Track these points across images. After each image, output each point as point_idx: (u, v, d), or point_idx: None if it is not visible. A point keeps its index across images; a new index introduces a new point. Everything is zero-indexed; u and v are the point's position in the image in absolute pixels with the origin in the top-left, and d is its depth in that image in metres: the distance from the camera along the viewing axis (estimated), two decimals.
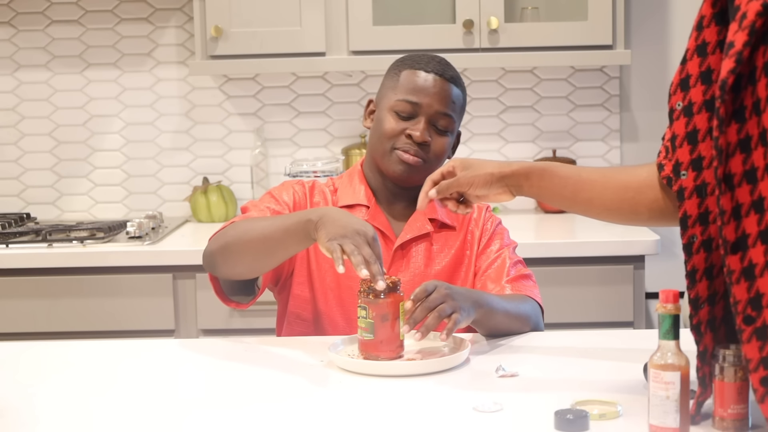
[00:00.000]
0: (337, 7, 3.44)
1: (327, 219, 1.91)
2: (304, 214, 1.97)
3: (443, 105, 2.19)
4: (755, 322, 1.43)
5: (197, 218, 3.70)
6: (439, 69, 2.21)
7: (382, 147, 2.21)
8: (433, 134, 2.19)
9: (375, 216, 2.24)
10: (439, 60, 2.23)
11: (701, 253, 1.54)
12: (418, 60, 2.23)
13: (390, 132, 2.19)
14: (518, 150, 3.79)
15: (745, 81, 1.44)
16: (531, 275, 2.25)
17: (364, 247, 1.87)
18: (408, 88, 2.19)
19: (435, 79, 2.19)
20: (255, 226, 2.05)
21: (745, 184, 1.44)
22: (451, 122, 2.20)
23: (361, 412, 1.71)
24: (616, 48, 3.44)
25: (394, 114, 2.20)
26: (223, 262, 2.09)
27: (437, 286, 1.95)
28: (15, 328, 3.22)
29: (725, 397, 1.52)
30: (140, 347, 2.19)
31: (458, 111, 2.22)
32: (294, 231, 1.97)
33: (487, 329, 2.10)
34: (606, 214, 1.87)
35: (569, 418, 1.53)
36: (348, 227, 1.89)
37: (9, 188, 3.84)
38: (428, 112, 2.18)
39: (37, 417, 1.71)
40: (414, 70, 2.20)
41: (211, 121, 3.80)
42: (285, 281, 2.26)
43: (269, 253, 2.03)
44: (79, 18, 3.77)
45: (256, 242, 2.03)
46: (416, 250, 2.24)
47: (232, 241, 2.06)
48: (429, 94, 2.18)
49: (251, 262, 2.06)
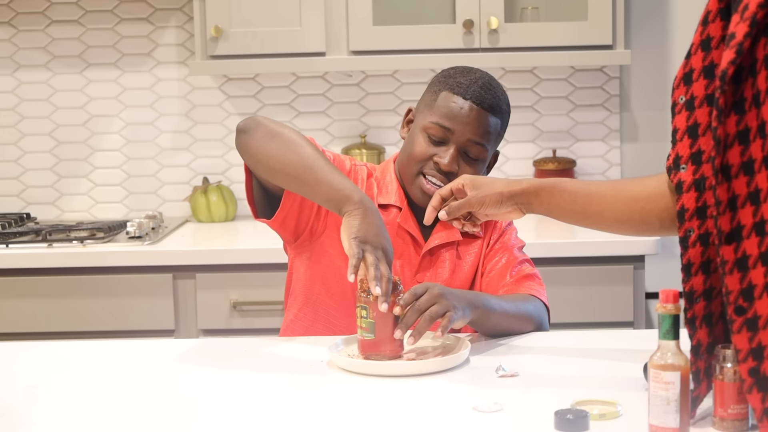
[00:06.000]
0: (337, 7, 3.44)
1: (365, 214, 1.91)
2: (349, 188, 1.95)
3: (476, 134, 2.15)
4: (746, 312, 1.44)
5: (197, 218, 3.70)
6: (478, 96, 2.15)
7: (409, 168, 2.19)
8: (461, 163, 2.16)
9: (406, 219, 2.22)
10: (482, 84, 2.17)
11: (697, 247, 1.54)
12: (459, 82, 2.17)
13: (419, 156, 2.17)
14: (518, 150, 3.79)
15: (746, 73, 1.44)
16: (536, 275, 2.23)
17: (383, 265, 1.88)
18: (443, 112, 2.15)
19: (471, 108, 2.14)
20: (313, 150, 2.02)
21: (742, 175, 1.45)
22: (482, 151, 2.17)
23: (361, 412, 1.71)
24: (616, 48, 3.44)
25: (425, 136, 2.17)
26: (260, 142, 2.03)
27: (428, 287, 1.94)
28: (15, 328, 3.22)
29: (725, 397, 1.52)
30: (140, 347, 2.19)
31: (493, 139, 2.19)
32: (334, 190, 1.95)
33: (485, 330, 2.10)
34: (617, 226, 1.87)
35: (569, 418, 1.53)
36: (378, 237, 1.90)
37: (9, 188, 3.84)
38: (459, 140, 2.15)
39: (37, 417, 1.71)
40: (453, 94, 2.16)
41: (211, 121, 3.80)
42: (306, 242, 2.20)
43: (299, 179, 1.99)
44: (79, 18, 3.77)
45: (301, 158, 1.99)
46: (443, 257, 2.22)
47: (286, 135, 2.03)
48: (463, 122, 2.14)
49: (278, 169, 2.01)
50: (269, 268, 3.18)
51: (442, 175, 2.15)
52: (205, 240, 3.45)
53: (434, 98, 2.18)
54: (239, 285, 3.20)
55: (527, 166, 3.78)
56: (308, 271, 2.23)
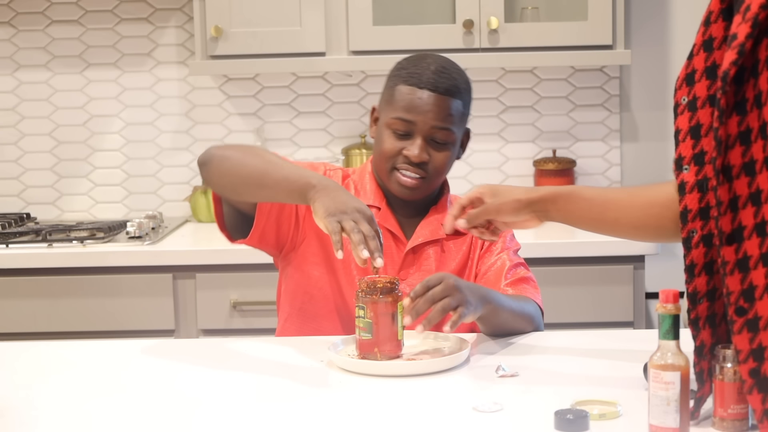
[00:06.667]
0: (337, 7, 3.43)
1: (328, 191, 1.93)
2: (308, 175, 1.98)
3: (439, 120, 2.15)
4: (747, 313, 1.44)
5: (197, 218, 3.70)
6: (433, 83, 2.14)
7: (382, 165, 2.20)
8: (431, 150, 2.16)
9: (386, 218, 2.22)
10: (434, 69, 2.16)
11: (700, 248, 1.54)
12: (412, 73, 2.16)
13: (388, 152, 2.17)
14: (518, 150, 3.79)
15: (748, 74, 1.44)
16: (531, 278, 2.23)
17: (363, 224, 1.87)
18: (402, 105, 2.15)
19: (430, 96, 2.14)
20: (262, 157, 2.08)
21: (743, 176, 1.45)
22: (449, 134, 2.17)
23: (361, 412, 1.71)
24: (616, 48, 3.44)
25: (390, 132, 2.17)
26: (217, 167, 2.09)
27: (443, 278, 1.93)
28: (15, 328, 3.22)
29: (725, 397, 1.52)
30: (140, 347, 2.19)
31: (458, 121, 2.18)
32: (292, 181, 1.98)
33: (491, 327, 2.09)
34: (633, 232, 1.88)
35: (569, 418, 1.53)
36: (347, 204, 1.90)
37: (9, 188, 3.84)
38: (424, 130, 2.15)
39: (37, 417, 1.71)
40: (408, 85, 2.15)
41: (211, 121, 3.80)
42: (289, 253, 2.23)
43: (260, 186, 2.03)
44: (79, 18, 3.77)
45: (254, 169, 2.04)
46: (427, 254, 2.22)
47: (235, 156, 2.08)
48: (423, 111, 2.14)
49: (239, 183, 2.06)
50: (269, 268, 3.15)
51: (414, 166, 2.16)
52: (205, 240, 3.45)
53: (392, 93, 2.18)
54: (239, 285, 3.20)
55: (527, 166, 3.78)
56: (291, 281, 2.25)
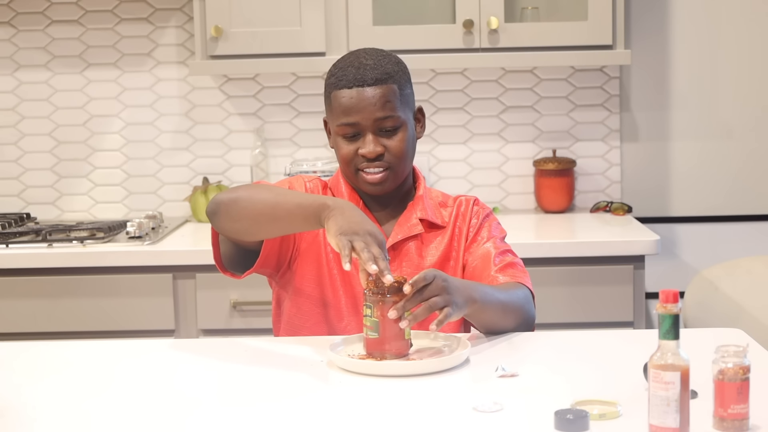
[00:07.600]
0: (337, 7, 3.44)
1: (343, 212, 1.95)
2: (322, 198, 2.01)
3: (379, 111, 2.16)
4: None
5: (197, 218, 3.70)
6: (358, 79, 2.16)
7: (347, 170, 2.22)
8: (384, 140, 2.18)
9: None
10: (358, 64, 2.18)
11: None
12: (339, 76, 2.18)
13: (347, 157, 2.20)
14: (518, 150, 3.79)
15: None
16: (519, 263, 2.23)
17: (374, 247, 1.90)
18: (340, 111, 2.17)
19: (359, 92, 2.16)
20: (270, 190, 2.09)
21: None
22: (396, 119, 2.18)
23: (361, 412, 1.71)
24: (616, 48, 3.44)
25: (341, 138, 2.20)
26: (226, 213, 2.10)
27: (435, 276, 1.94)
28: (15, 328, 3.22)
29: (725, 397, 1.52)
30: (140, 347, 2.19)
31: (399, 104, 2.19)
32: (307, 207, 1.99)
33: (479, 323, 2.10)
34: None
35: (569, 418, 1.53)
36: (361, 226, 1.92)
37: (9, 188, 3.84)
38: (369, 125, 2.17)
39: (37, 417, 1.71)
40: (338, 89, 2.17)
41: (211, 121, 3.80)
42: (286, 271, 2.24)
43: (274, 219, 2.05)
44: (79, 18, 3.77)
45: (265, 204, 2.05)
46: (407, 250, 2.23)
47: (243, 196, 2.09)
48: (360, 109, 2.16)
49: (253, 223, 2.07)
50: None
51: (373, 161, 2.18)
52: (205, 240, 3.41)
53: (329, 102, 2.21)
54: (239, 285, 3.20)
55: (527, 166, 3.78)
56: (284, 295, 2.27)
